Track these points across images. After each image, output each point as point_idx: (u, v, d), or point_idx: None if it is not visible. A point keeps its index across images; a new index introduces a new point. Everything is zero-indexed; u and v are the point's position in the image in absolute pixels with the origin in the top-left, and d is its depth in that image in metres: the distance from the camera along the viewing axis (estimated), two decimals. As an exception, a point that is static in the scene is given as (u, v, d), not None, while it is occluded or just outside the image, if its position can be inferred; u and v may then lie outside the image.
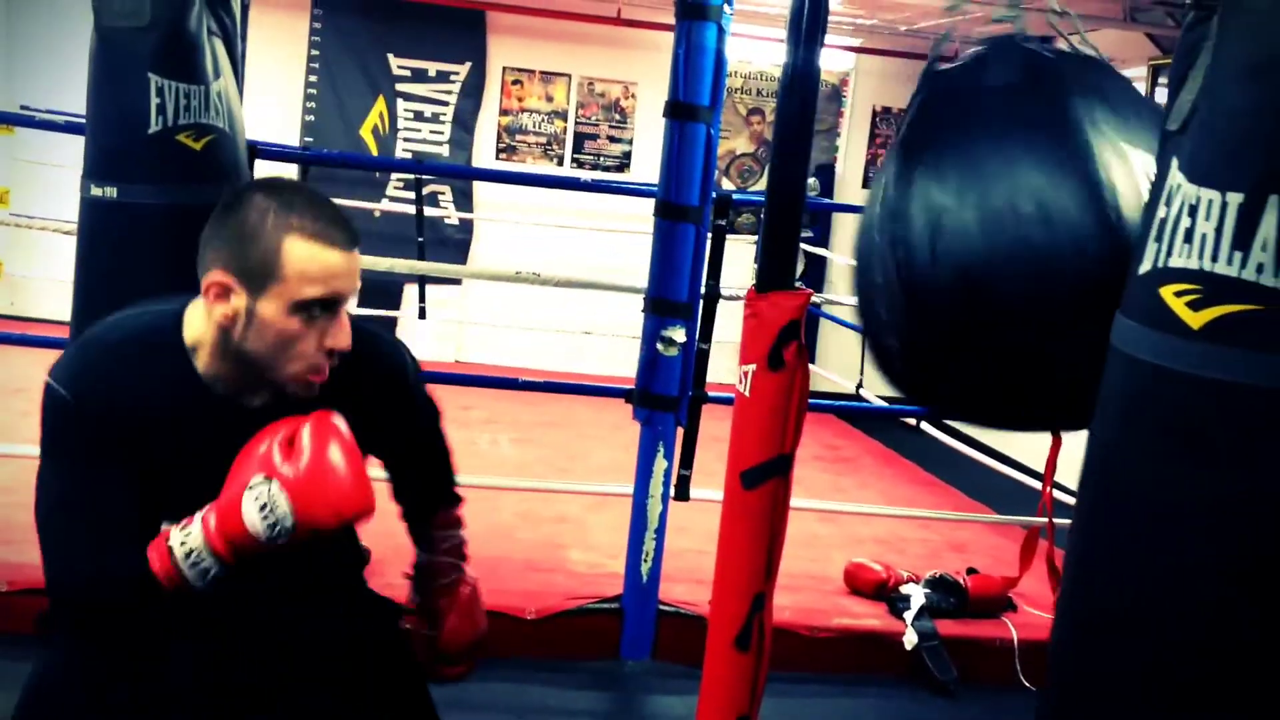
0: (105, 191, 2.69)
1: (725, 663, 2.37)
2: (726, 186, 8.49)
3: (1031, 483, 5.06)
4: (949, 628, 3.85)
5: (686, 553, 3.94)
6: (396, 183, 8.15)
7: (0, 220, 6.61)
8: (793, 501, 2.35)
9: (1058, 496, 4.32)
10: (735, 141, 8.61)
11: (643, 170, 8.31)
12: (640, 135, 8.44)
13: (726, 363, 2.72)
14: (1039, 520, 4.17)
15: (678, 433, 3.73)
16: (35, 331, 4.91)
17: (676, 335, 3.58)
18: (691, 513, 3.82)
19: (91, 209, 2.73)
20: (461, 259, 8.21)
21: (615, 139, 8.51)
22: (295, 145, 7.73)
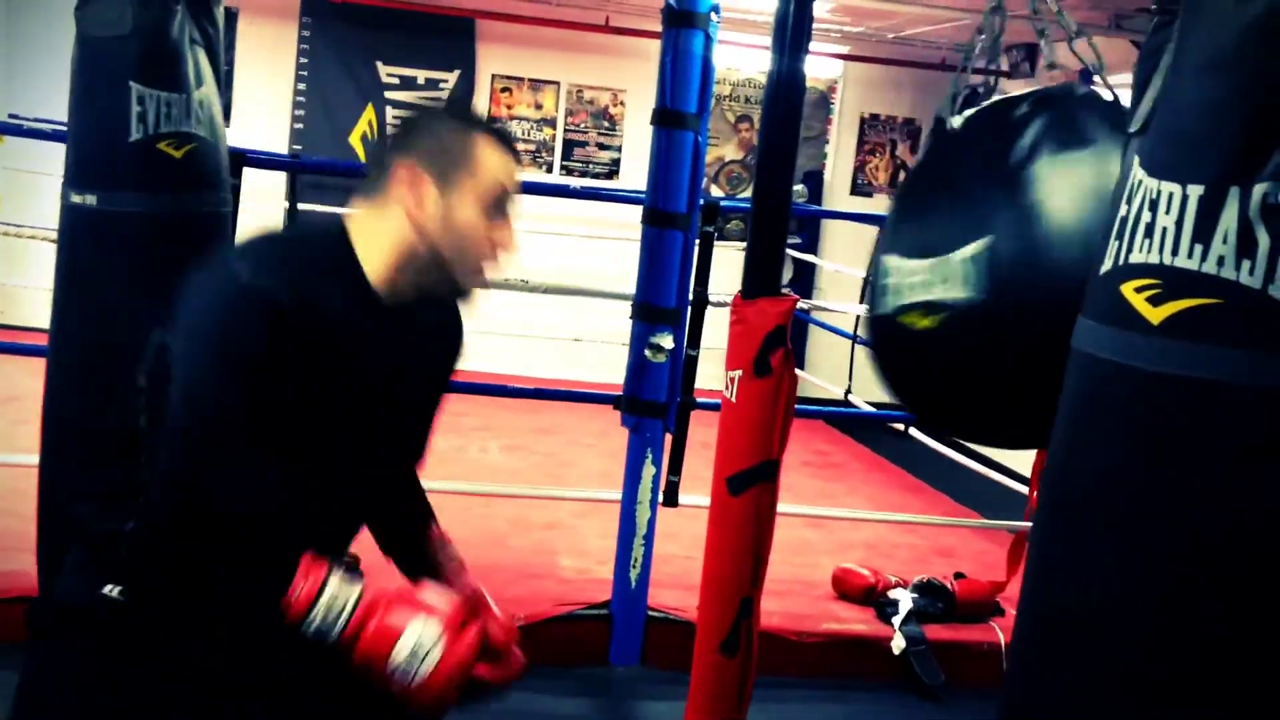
0: (85, 199, 2.70)
1: (713, 668, 2.38)
2: (715, 193, 8.51)
3: (1018, 488, 5.09)
4: (936, 632, 3.87)
5: (675, 558, 3.96)
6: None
7: (-11, 229, 6.61)
8: (780, 507, 2.36)
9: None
10: (724, 148, 8.63)
11: (632, 177, 8.32)
12: (629, 142, 8.45)
13: (715, 369, 2.73)
14: (1026, 525, 4.20)
15: (666, 439, 3.74)
16: (26, 340, 4.90)
17: (664, 342, 3.59)
18: (680, 519, 3.83)
19: (72, 216, 2.74)
20: (451, 266, 8.21)
21: (604, 146, 8.53)
22: (284, 153, 7.74)
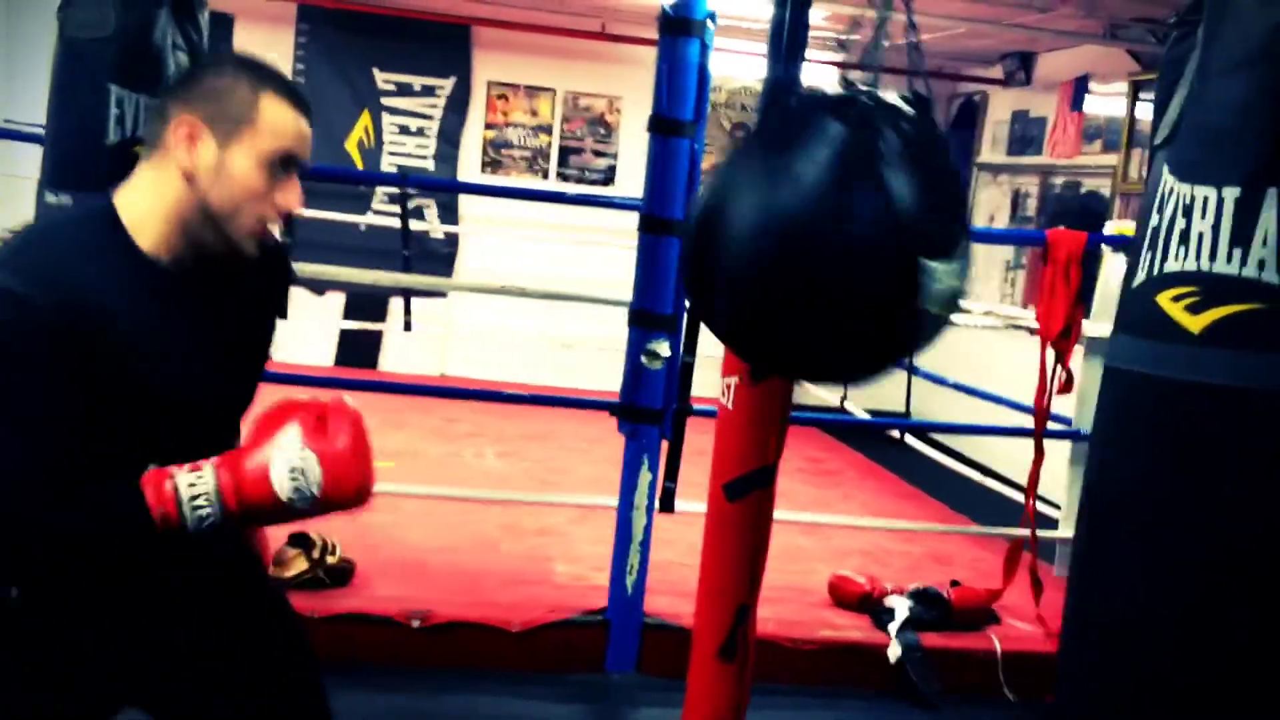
0: (60, 199, 2.69)
1: (709, 674, 2.38)
2: (711, 200, 8.51)
3: (1014, 495, 5.08)
4: (933, 640, 3.86)
5: (671, 565, 3.95)
6: (381, 196, 8.17)
7: (-17, 234, 6.60)
8: (776, 513, 2.36)
9: (1040, 509, 4.35)
10: (719, 155, 8.64)
11: (627, 184, 8.33)
12: (625, 149, 8.46)
13: (711, 376, 2.73)
14: (1022, 532, 4.20)
15: (662, 445, 3.73)
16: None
17: (661, 348, 3.59)
18: (676, 525, 3.83)
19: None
20: (447, 272, 8.22)
21: (600, 153, 8.53)
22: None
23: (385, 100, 8.14)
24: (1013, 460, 5.64)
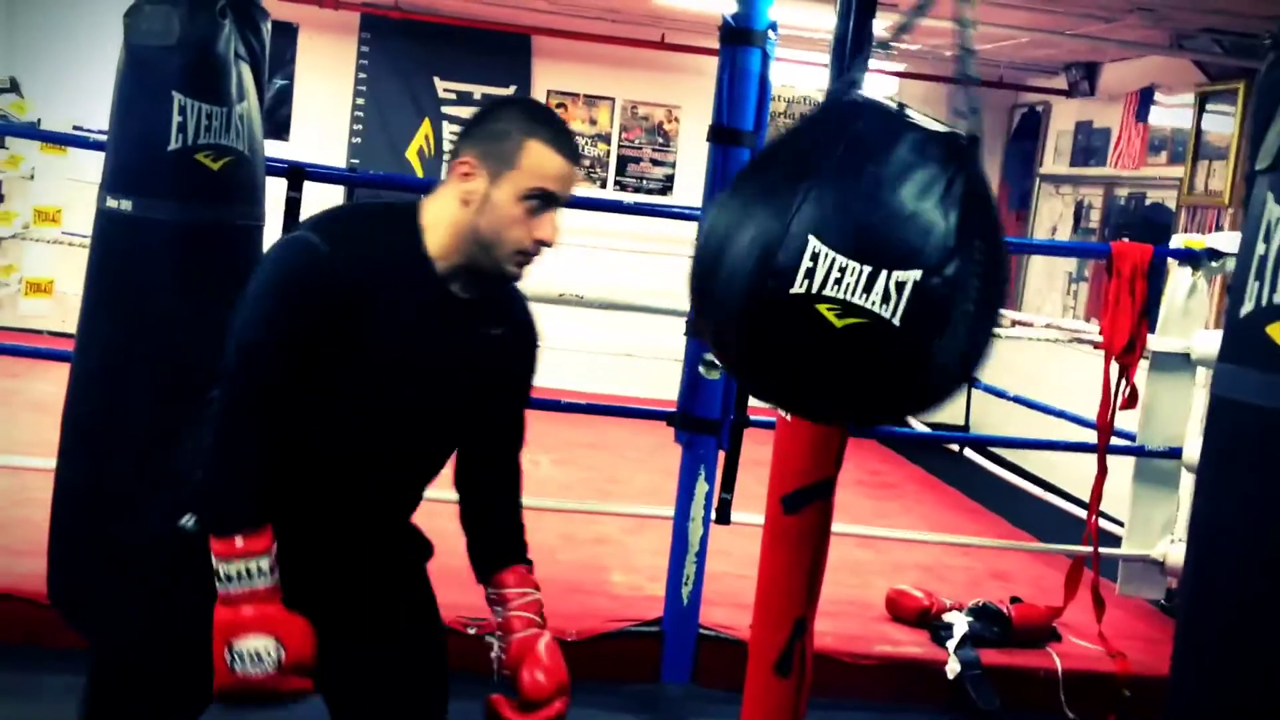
0: (120, 204, 2.73)
1: (766, 688, 2.36)
2: (769, 210, 8.49)
3: (1076, 512, 5.01)
4: (992, 657, 3.81)
5: (727, 576, 3.93)
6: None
7: (53, 239, 6.72)
8: (834, 526, 2.34)
9: (1103, 526, 4.29)
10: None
11: (686, 193, 8.33)
12: (683, 158, 8.46)
13: (769, 386, 2.72)
14: (1084, 550, 4.14)
15: (719, 456, 3.72)
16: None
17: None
18: (732, 536, 3.81)
19: (106, 220, 2.77)
20: (504, 281, 8.24)
21: (658, 162, 8.54)
22: (342, 167, 7.81)
23: (446, 109, 8.20)
24: (1075, 476, 5.56)
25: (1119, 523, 4.72)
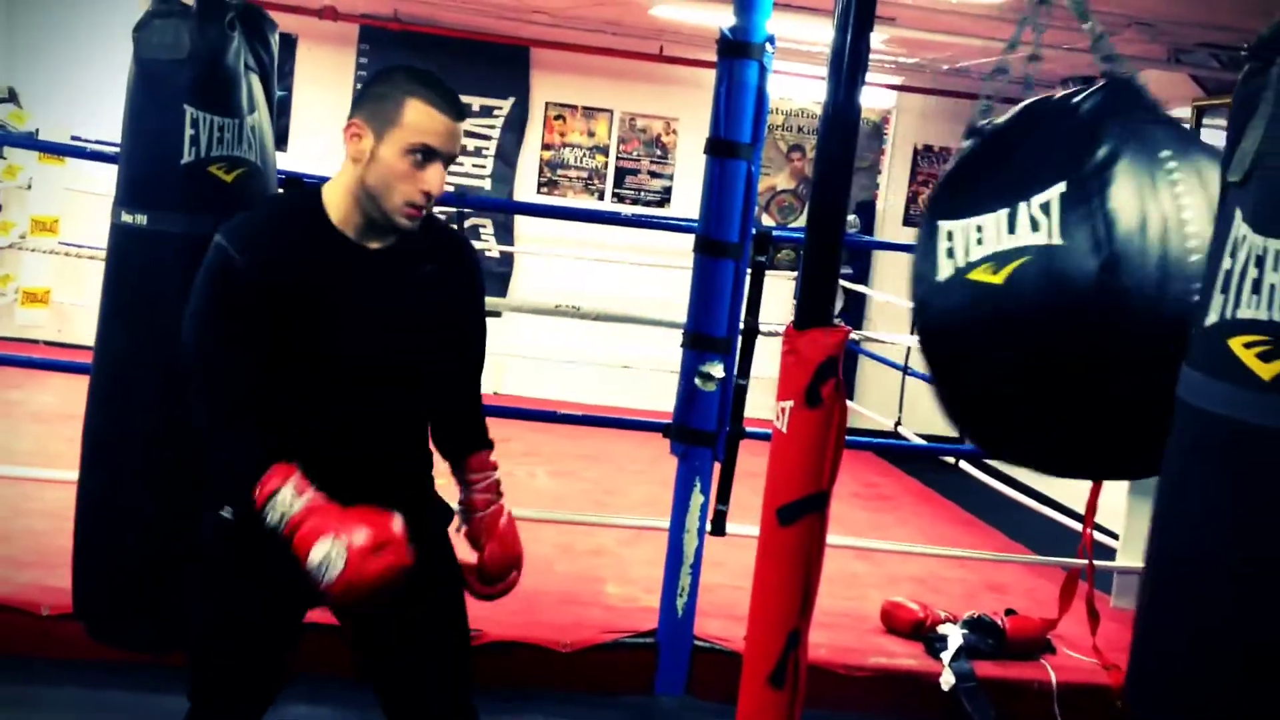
0: (135, 218, 2.73)
1: (760, 700, 2.36)
2: (766, 222, 8.51)
3: (1071, 524, 5.02)
4: (986, 669, 3.81)
5: (722, 588, 3.93)
6: (439, 215, 8.22)
7: (50, 249, 6.73)
8: (829, 538, 2.34)
9: (1098, 538, 4.29)
10: (776, 178, 8.63)
11: (683, 205, 8.34)
12: (681, 170, 8.48)
13: (764, 398, 2.72)
14: (1079, 562, 4.14)
15: (715, 468, 3.72)
16: (84, 359, 4.97)
17: (715, 370, 3.58)
18: (728, 548, 3.81)
19: (121, 235, 2.77)
20: (502, 292, 8.26)
21: (656, 174, 8.56)
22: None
23: (444, 120, 8.21)
24: (1070, 489, 5.57)
25: (1114, 535, 4.72)
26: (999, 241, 1.98)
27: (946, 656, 3.81)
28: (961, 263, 2.02)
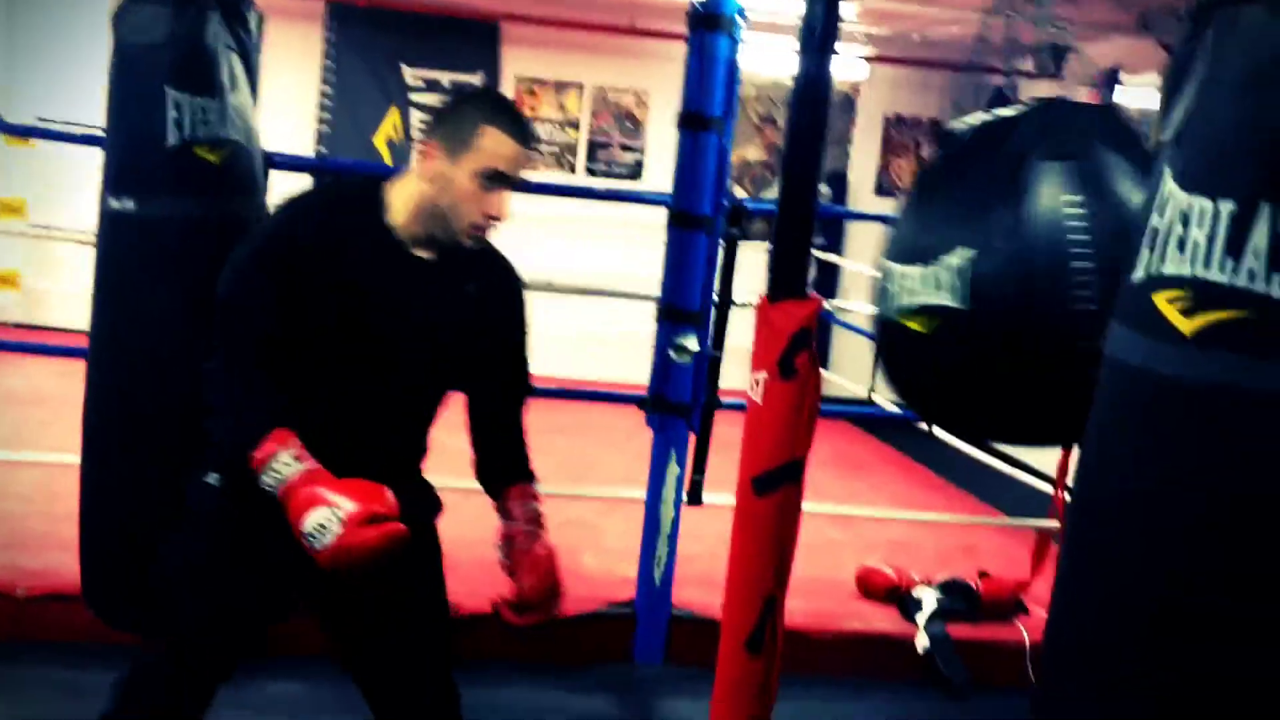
0: (124, 204, 2.72)
1: (738, 666, 2.39)
2: (739, 194, 8.52)
3: (1043, 486, 5.07)
4: (961, 631, 3.87)
5: (699, 557, 3.97)
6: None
7: (19, 231, 6.68)
8: (805, 505, 2.37)
9: (1068, 500, 4.33)
10: (747, 149, 8.64)
11: (655, 178, 8.34)
12: (653, 144, 8.47)
13: (739, 369, 2.74)
14: (1051, 524, 4.19)
15: (690, 439, 3.75)
16: (53, 341, 4.95)
17: (689, 343, 3.60)
18: (704, 517, 3.85)
19: (111, 222, 2.76)
20: (475, 267, 8.23)
21: (628, 147, 8.55)
22: (309, 155, 7.78)
23: (414, 96, 8.18)
24: (1041, 452, 5.62)
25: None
26: (925, 295, 2.07)
27: (921, 619, 3.86)
28: (901, 303, 2.12)
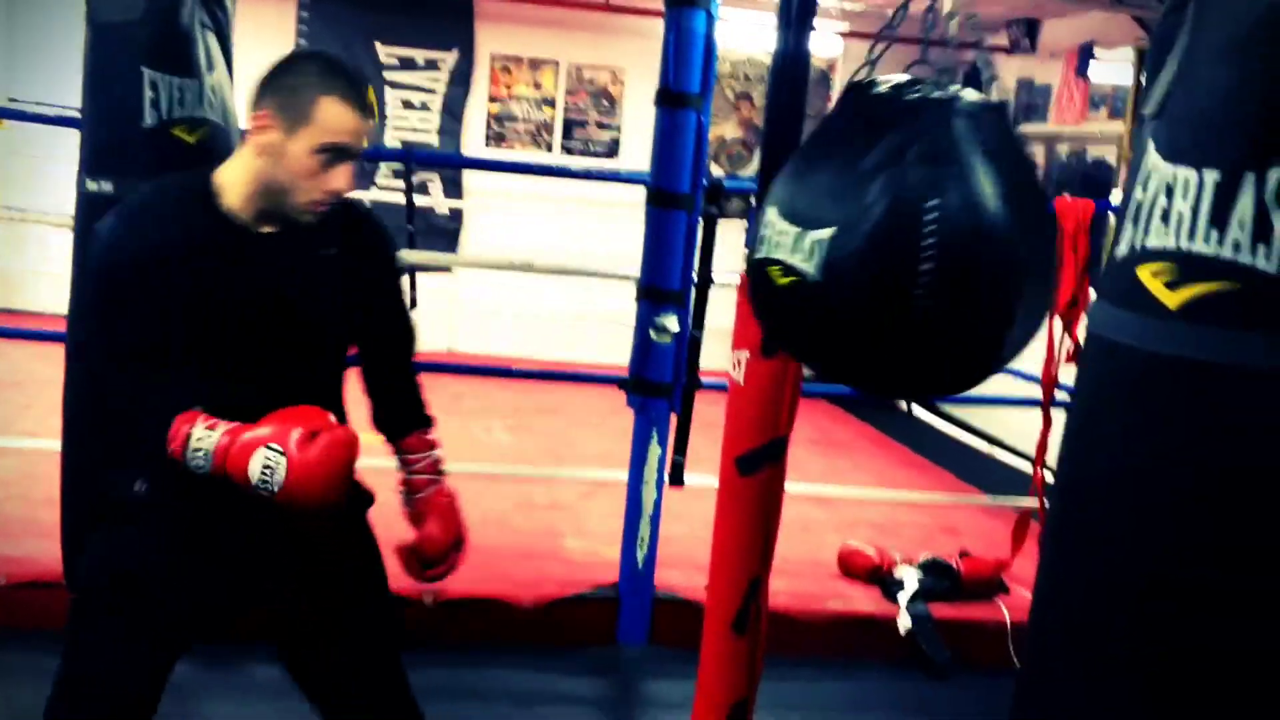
0: (101, 186, 2.69)
1: (723, 646, 2.39)
2: (716, 172, 8.50)
3: (1022, 465, 5.09)
4: (942, 610, 3.87)
5: (682, 538, 3.96)
6: (385, 172, 8.15)
7: (-11, 214, 6.60)
8: (787, 485, 2.36)
9: (1048, 478, 4.35)
10: (724, 127, 8.60)
11: (631, 156, 8.31)
12: (629, 122, 8.43)
13: (720, 349, 2.73)
14: (1030, 502, 4.20)
15: (671, 419, 3.74)
16: (27, 325, 4.90)
17: (669, 322, 3.58)
18: (686, 499, 3.84)
19: (88, 203, 2.73)
20: (452, 247, 8.21)
21: (604, 125, 8.51)
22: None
23: (388, 74, 8.11)
24: (1021, 430, 5.63)
25: (1065, 475, 4.78)
26: (788, 256, 1.97)
27: (903, 599, 3.87)
28: (769, 253, 2.02)
